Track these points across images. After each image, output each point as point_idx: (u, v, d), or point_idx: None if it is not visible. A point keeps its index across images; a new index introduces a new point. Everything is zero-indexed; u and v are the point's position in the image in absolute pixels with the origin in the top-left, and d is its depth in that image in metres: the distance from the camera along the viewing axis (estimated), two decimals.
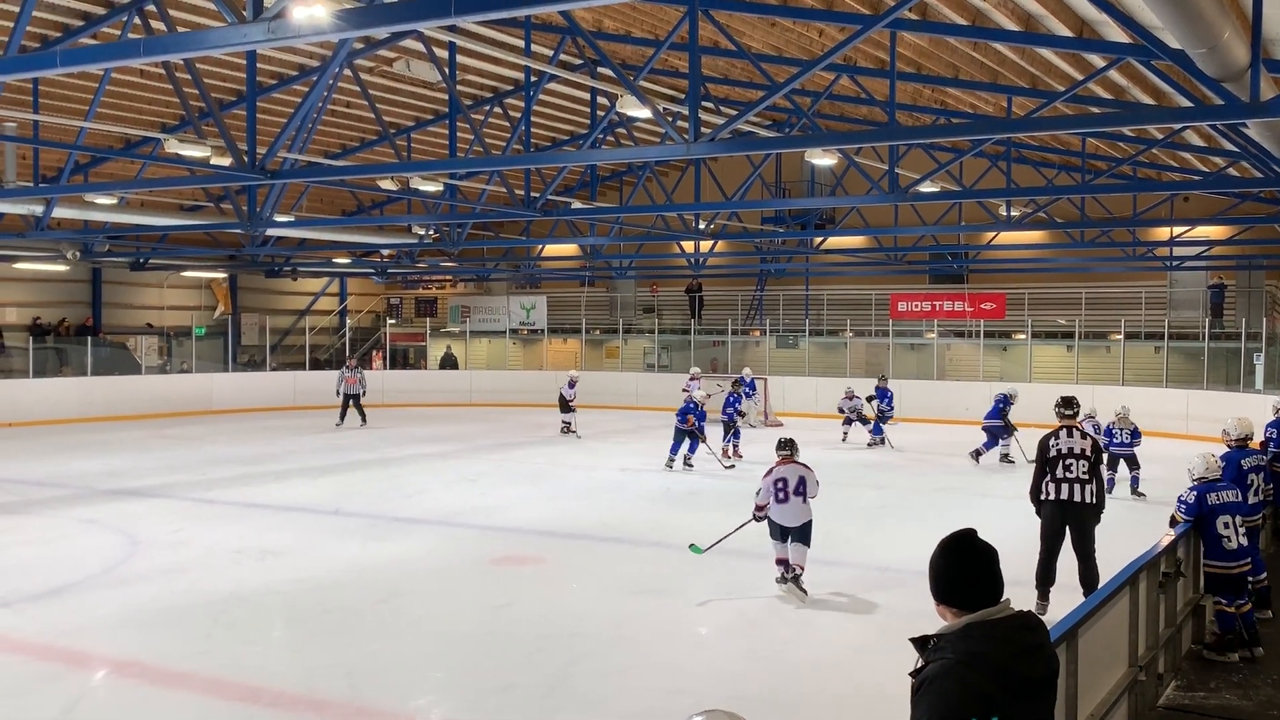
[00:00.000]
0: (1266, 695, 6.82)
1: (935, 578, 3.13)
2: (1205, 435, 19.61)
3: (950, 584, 3.09)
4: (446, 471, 18.40)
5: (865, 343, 32.11)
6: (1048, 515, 9.31)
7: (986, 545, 3.14)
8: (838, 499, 15.89)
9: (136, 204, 23.40)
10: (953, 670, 2.90)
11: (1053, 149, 22.61)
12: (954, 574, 3.10)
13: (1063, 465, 9.16)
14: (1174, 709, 6.65)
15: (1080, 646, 4.97)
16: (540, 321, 36.01)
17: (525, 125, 15.32)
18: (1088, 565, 9.13)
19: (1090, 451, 9.21)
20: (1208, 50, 7.44)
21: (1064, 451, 9.20)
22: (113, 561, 11.34)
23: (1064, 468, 9.16)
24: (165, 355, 32.42)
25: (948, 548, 3.14)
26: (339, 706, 7.15)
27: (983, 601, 3.03)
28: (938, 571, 3.13)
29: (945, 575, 3.11)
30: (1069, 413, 9.57)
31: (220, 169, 14.16)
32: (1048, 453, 9.30)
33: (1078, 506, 9.14)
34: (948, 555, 3.13)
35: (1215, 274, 28.63)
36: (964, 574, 3.09)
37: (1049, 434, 9.43)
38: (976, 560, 3.10)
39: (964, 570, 3.09)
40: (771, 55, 16.50)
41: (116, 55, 9.14)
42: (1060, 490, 9.16)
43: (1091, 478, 9.17)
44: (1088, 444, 9.26)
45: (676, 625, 9.25)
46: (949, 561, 3.12)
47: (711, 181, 22.54)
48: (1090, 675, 5.15)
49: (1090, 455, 9.19)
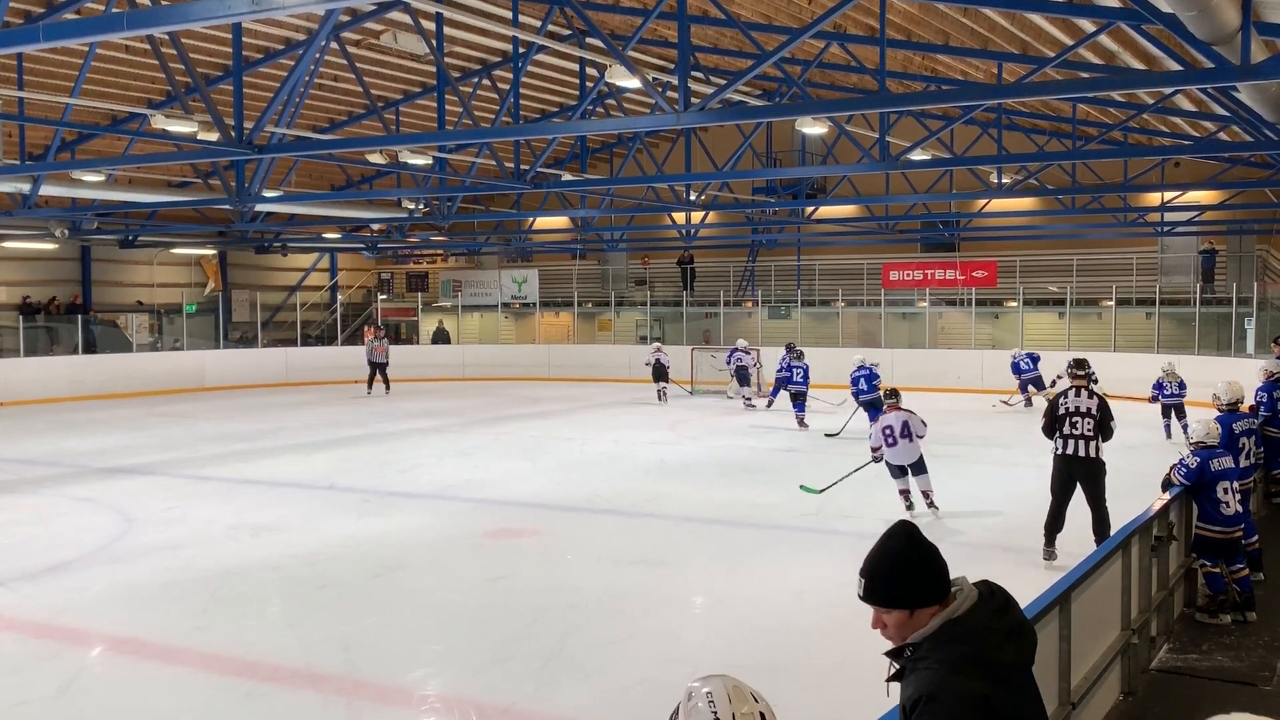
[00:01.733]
0: (1258, 657, 6.87)
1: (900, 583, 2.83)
2: (1196, 400, 19.65)
3: (921, 583, 2.81)
4: (440, 446, 18.41)
5: (857, 312, 32.10)
6: (1056, 469, 9.86)
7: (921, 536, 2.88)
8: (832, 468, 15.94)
9: (124, 181, 23.23)
10: (945, 681, 2.70)
11: (1043, 115, 22.54)
12: (925, 570, 2.82)
13: (1069, 422, 9.68)
14: (1167, 671, 6.70)
15: (1073, 611, 4.99)
16: (532, 295, 35.94)
17: (514, 97, 15.23)
18: (1099, 516, 9.67)
19: (1097, 410, 9.68)
20: (1198, 13, 7.40)
21: (1071, 410, 9.71)
22: (108, 539, 11.35)
23: (1071, 425, 9.67)
24: (156, 333, 32.32)
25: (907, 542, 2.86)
26: (336, 680, 7.17)
27: (946, 591, 2.81)
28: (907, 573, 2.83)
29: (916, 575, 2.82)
30: (1080, 374, 10.08)
31: (207, 144, 14.07)
32: (1056, 410, 9.84)
33: (1083, 461, 9.63)
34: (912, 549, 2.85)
35: (1206, 239, 28.61)
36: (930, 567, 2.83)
37: (1059, 393, 10.03)
38: (929, 550, 2.85)
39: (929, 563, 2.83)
40: (761, 23, 16.40)
41: (100, 29, 9.05)
42: (1067, 445, 9.68)
43: (1097, 434, 9.64)
44: (1094, 403, 9.74)
45: (672, 596, 9.29)
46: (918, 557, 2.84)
47: (702, 152, 22.45)
48: (1083, 639, 5.18)
49: (1096, 413, 9.66)
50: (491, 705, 6.78)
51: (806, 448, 17.84)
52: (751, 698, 2.46)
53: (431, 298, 37.55)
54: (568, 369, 32.02)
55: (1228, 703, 6.20)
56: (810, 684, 7.11)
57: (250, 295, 34.31)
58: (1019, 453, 17.23)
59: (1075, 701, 5.00)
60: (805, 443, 18.40)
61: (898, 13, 14.96)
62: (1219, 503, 7.71)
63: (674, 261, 34.97)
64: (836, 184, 27.95)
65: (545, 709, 6.78)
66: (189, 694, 7.05)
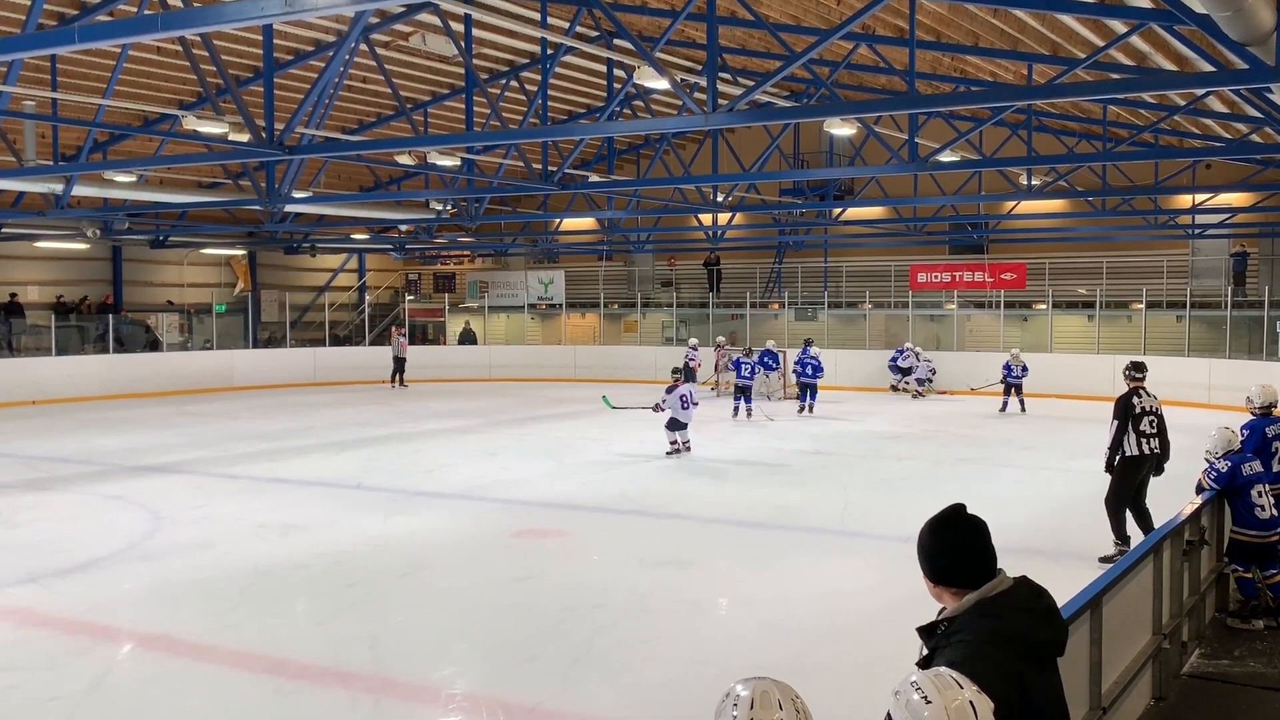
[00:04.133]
0: None
1: (929, 559, 3.03)
2: (1228, 404, 19.49)
3: (947, 564, 3.00)
4: (467, 446, 18.46)
5: (885, 314, 31.98)
6: (1132, 468, 9.94)
7: (977, 519, 3.05)
8: (860, 471, 15.91)
9: (155, 181, 23.45)
10: (982, 651, 2.81)
11: (1073, 117, 22.41)
12: (950, 553, 3.00)
13: (1147, 421, 9.93)
14: (1199, 677, 6.64)
15: (1104, 614, 4.96)
16: (558, 296, 36.00)
17: (542, 98, 15.27)
18: (1145, 514, 9.87)
19: (1158, 409, 10.06)
20: (1233, 13, 7.32)
21: (1145, 409, 9.98)
22: (138, 537, 11.44)
23: (1149, 424, 9.93)
24: (186, 332, 32.58)
25: (939, 527, 3.04)
26: (364, 678, 7.20)
27: (982, 578, 2.95)
28: (931, 553, 3.03)
29: (940, 556, 3.02)
30: (1139, 375, 10.25)
31: (238, 145, 14.18)
32: (1132, 409, 9.99)
33: (1155, 459, 9.98)
34: (940, 534, 3.03)
35: (1237, 242, 28.35)
36: (960, 552, 2.99)
37: (1128, 393, 10.10)
38: (970, 536, 3.01)
39: (959, 548, 3.00)
40: (789, 25, 16.38)
41: (133, 31, 9.13)
42: (1143, 444, 9.90)
43: (1158, 433, 9.95)
44: (1158, 403, 10.10)
45: (699, 597, 9.28)
46: (942, 541, 3.02)
47: (729, 153, 22.46)
48: (1114, 644, 5.14)
49: (1159, 412, 10.04)
50: (518, 704, 6.79)
51: (833, 450, 17.78)
52: (778, 704, 2.45)
53: (458, 298, 37.68)
54: (594, 370, 32.05)
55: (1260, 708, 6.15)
56: (837, 686, 7.08)
57: (279, 295, 34.52)
58: (1046, 456, 17.13)
59: (1106, 706, 4.96)
60: (832, 445, 18.34)
61: (927, 14, 14.90)
62: (1253, 506, 7.64)
63: (700, 263, 34.96)
64: (864, 185, 27.85)
65: (572, 708, 6.79)
66: (218, 690, 7.10)
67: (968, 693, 2.46)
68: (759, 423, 21.62)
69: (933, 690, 2.46)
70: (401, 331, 32.09)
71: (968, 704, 2.44)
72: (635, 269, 37.09)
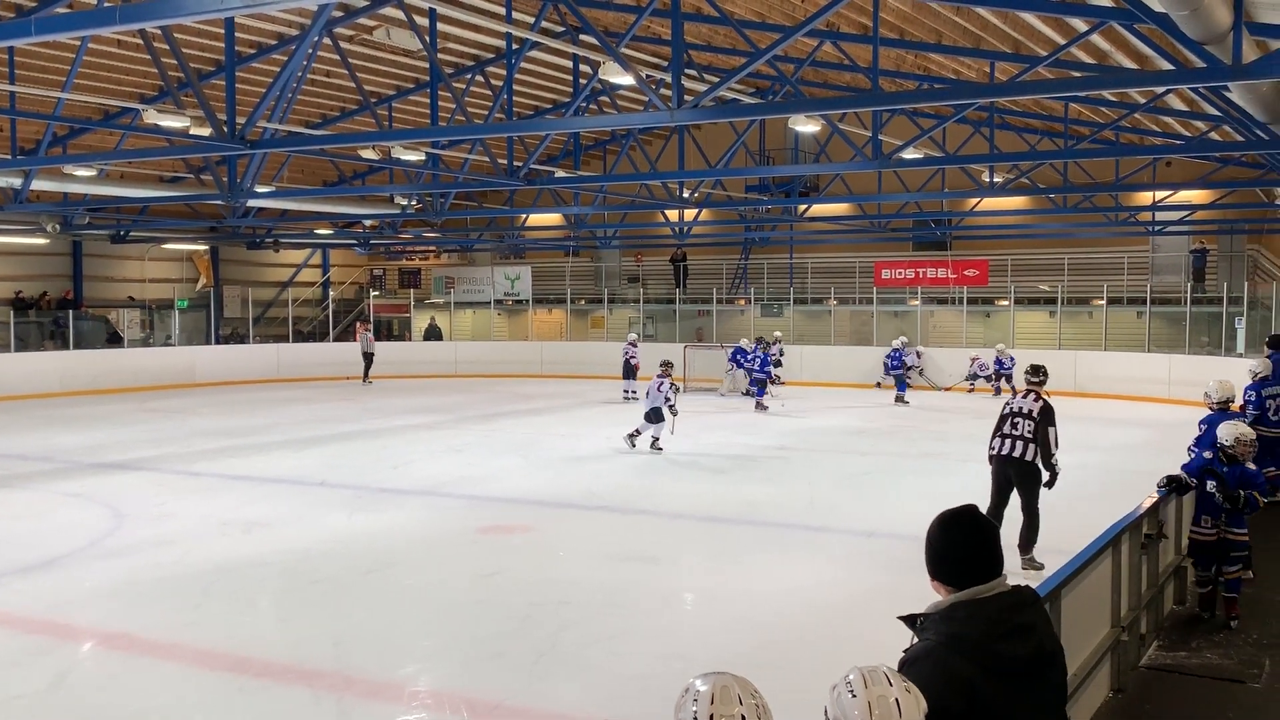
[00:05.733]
0: (1247, 655, 6.90)
1: (930, 553, 3.06)
2: (1187, 399, 19.74)
3: (944, 560, 3.03)
4: (433, 442, 18.39)
5: (850, 310, 32.14)
6: (993, 469, 9.87)
7: (987, 522, 3.07)
8: (825, 466, 16.01)
9: (116, 176, 23.19)
10: (934, 653, 2.85)
11: (1035, 114, 22.59)
12: (949, 550, 3.03)
13: (1010, 422, 9.72)
14: (1156, 668, 6.73)
15: (1063, 607, 5.01)
16: (525, 292, 35.93)
17: (507, 93, 15.22)
18: (1029, 523, 9.67)
19: (1038, 414, 9.64)
20: (1190, 12, 7.42)
21: (1014, 410, 9.77)
22: (99, 534, 11.32)
23: (1011, 425, 9.70)
24: (148, 328, 32.26)
25: (946, 523, 3.06)
26: (327, 675, 7.17)
27: (976, 579, 2.95)
28: (934, 547, 3.06)
29: (940, 551, 3.04)
30: (1036, 380, 10.09)
31: (200, 139, 14.05)
32: (1002, 410, 9.93)
33: (1016, 461, 9.62)
34: (945, 531, 3.05)
35: (1197, 239, 28.69)
36: (959, 551, 3.01)
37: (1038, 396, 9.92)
38: (973, 537, 3.03)
39: (959, 547, 3.02)
40: (754, 21, 16.41)
41: (91, 23, 9.01)
42: (1003, 445, 9.70)
43: (1035, 438, 9.58)
44: (1038, 407, 9.70)
45: (665, 592, 9.30)
46: (946, 537, 3.04)
47: (695, 150, 22.46)
48: (1074, 636, 5.19)
49: (1037, 417, 9.63)
50: (483, 701, 6.79)
51: (799, 445, 17.86)
52: (738, 699, 2.47)
53: (424, 294, 37.52)
54: (560, 366, 32.02)
55: (1217, 699, 6.24)
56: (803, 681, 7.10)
57: (242, 291, 34.25)
58: None
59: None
60: (798, 440, 18.41)
61: (891, 11, 14.98)
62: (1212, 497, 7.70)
63: (667, 259, 34.98)
64: (829, 182, 27.95)
65: (537, 705, 6.79)
66: (181, 689, 7.04)
67: (895, 690, 2.49)
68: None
69: (860, 685, 2.50)
70: (367, 327, 31.86)
71: (893, 700, 2.47)
72: (602, 265, 37.07)
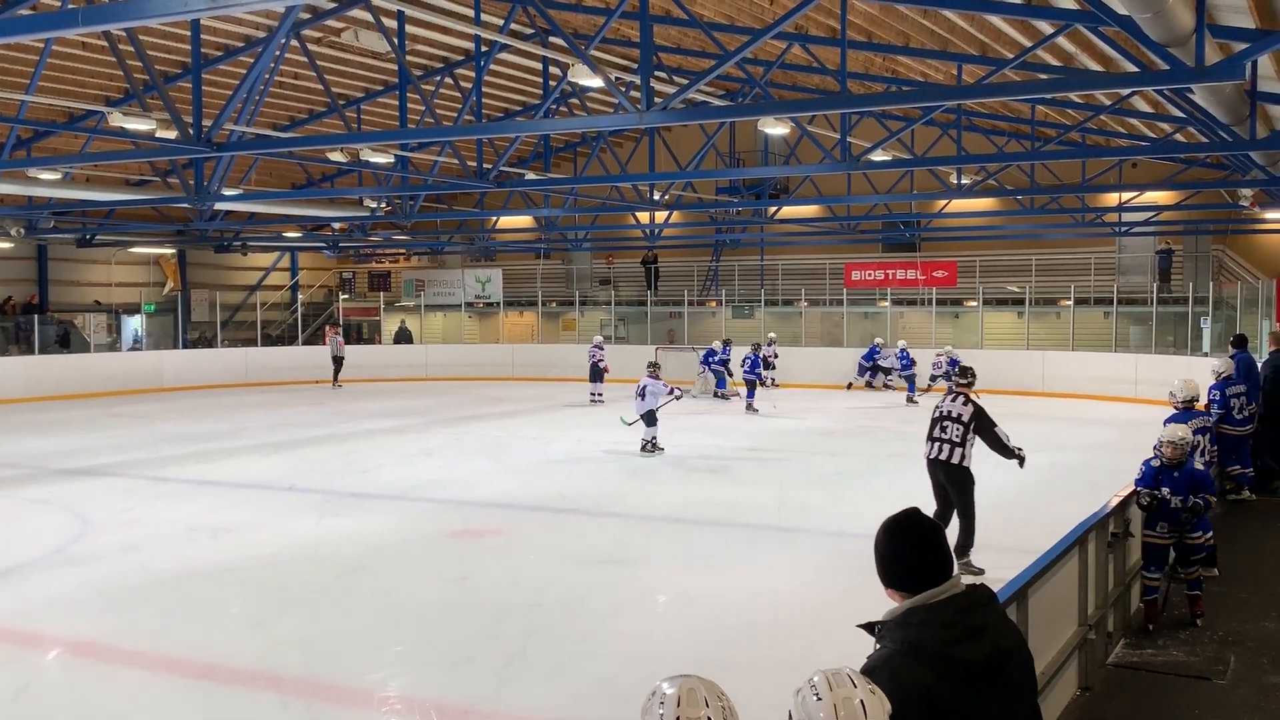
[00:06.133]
0: (1212, 651, 6.96)
1: (880, 561, 3.05)
2: (1154, 399, 19.90)
3: (893, 567, 3.02)
4: (403, 446, 18.31)
5: (820, 312, 32.25)
6: (929, 473, 9.87)
7: (930, 523, 3.06)
8: (796, 467, 16.04)
9: (81, 179, 22.97)
10: (890, 661, 2.86)
11: (1002, 116, 22.73)
12: (897, 557, 3.02)
13: (939, 426, 9.69)
14: (1123, 666, 6.78)
15: (1030, 606, 5.04)
16: (496, 294, 35.84)
17: (476, 95, 15.17)
18: (964, 527, 9.63)
19: (968, 419, 9.60)
20: (1153, 15, 7.48)
21: (943, 414, 9.74)
22: (65, 541, 11.20)
23: (940, 429, 9.68)
24: (114, 333, 31.95)
25: (890, 529, 3.05)
26: (296, 682, 7.12)
27: (926, 583, 2.94)
28: (882, 555, 3.04)
29: (888, 558, 3.03)
30: (963, 381, 10.02)
31: (166, 142, 13.94)
32: (933, 414, 9.88)
33: (944, 465, 9.63)
34: (890, 537, 3.04)
35: (1163, 239, 28.94)
36: (906, 557, 3.01)
37: (968, 399, 9.87)
38: (918, 541, 3.02)
39: (906, 552, 3.01)
40: (723, 24, 16.44)
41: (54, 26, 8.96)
42: (932, 449, 9.70)
43: (963, 442, 9.56)
44: (968, 411, 9.66)
45: (636, 595, 9.29)
46: (891, 544, 3.04)
47: (665, 152, 22.49)
48: (1041, 634, 5.23)
49: (966, 421, 9.59)
50: (453, 706, 6.76)
51: (770, 447, 17.89)
52: (704, 702, 2.46)
53: (394, 297, 37.36)
54: (532, 369, 31.97)
55: (1183, 696, 6.29)
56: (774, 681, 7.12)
57: (210, 295, 33.97)
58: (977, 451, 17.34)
59: None
60: (769, 442, 18.44)
61: (858, 14, 15.04)
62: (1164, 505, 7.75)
63: (638, 261, 34.98)
64: (799, 184, 28.05)
65: (507, 709, 6.76)
66: (147, 697, 6.98)
67: (860, 692, 2.50)
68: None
69: (825, 688, 2.51)
70: (336, 330, 31.69)
71: (858, 703, 2.48)
72: (573, 267, 37.03)
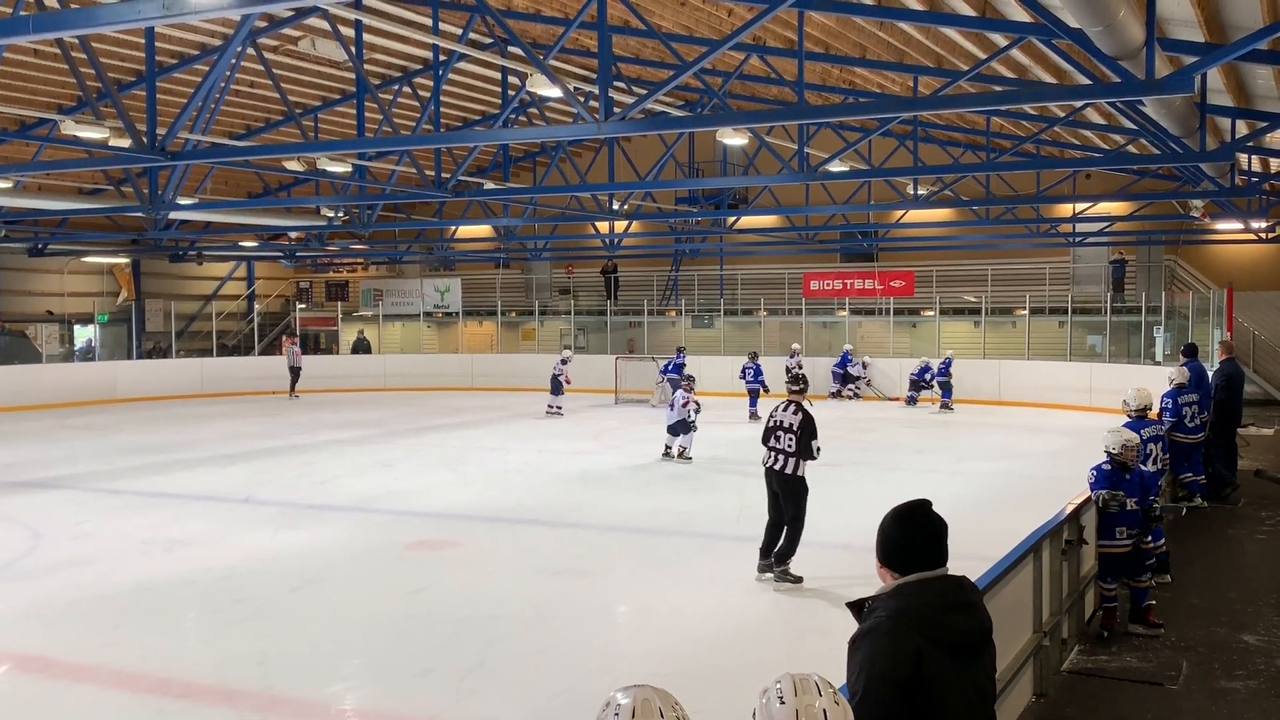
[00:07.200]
0: (1165, 658, 7.06)
1: (881, 540, 3.24)
2: (1108, 407, 20.13)
3: (893, 548, 3.21)
4: (360, 457, 18.17)
5: (779, 321, 32.39)
6: (766, 481, 9.95)
7: (938, 517, 3.24)
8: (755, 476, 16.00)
9: (33, 187, 22.67)
10: (883, 625, 3.03)
11: (958, 128, 22.96)
12: (899, 539, 3.21)
13: (774, 436, 9.81)
14: (1078, 673, 6.85)
15: None
16: (455, 304, 35.71)
17: (435, 105, 15.12)
18: (789, 535, 9.72)
19: (797, 427, 9.68)
20: (1104, 28, 7.59)
21: (776, 424, 9.85)
22: (16, 555, 11.03)
23: (775, 438, 9.79)
24: (67, 343, 31.51)
25: (900, 516, 3.24)
26: (251, 696, 7.04)
27: (921, 566, 3.15)
28: (885, 535, 3.23)
29: (890, 539, 3.22)
30: (796, 389, 10.14)
31: (119, 150, 13.78)
32: (767, 422, 9.97)
33: (777, 474, 9.76)
34: (898, 521, 3.23)
35: (1116, 249, 29.36)
36: (909, 540, 3.19)
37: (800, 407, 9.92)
38: (926, 529, 3.21)
39: (910, 537, 3.20)
40: (682, 35, 16.50)
41: (5, 32, 8.80)
42: (768, 458, 9.85)
43: (797, 450, 9.62)
44: (798, 419, 9.74)
45: (595, 605, 9.28)
46: (898, 527, 3.22)
47: (625, 162, 22.50)
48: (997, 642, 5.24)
49: (796, 430, 9.66)
50: (411, 718, 6.71)
51: (729, 455, 17.92)
52: (659, 712, 2.47)
53: (352, 307, 37.12)
54: (491, 378, 31.87)
55: (1137, 702, 6.36)
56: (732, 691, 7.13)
57: (164, 305, 33.60)
58: (936, 459, 17.50)
59: None
60: (727, 450, 18.46)
61: (816, 26, 15.13)
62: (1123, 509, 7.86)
63: (598, 271, 34.99)
64: (758, 194, 28.15)
65: None
66: (100, 712, 6.88)
67: (825, 700, 2.51)
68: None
69: (790, 692, 2.52)
70: (293, 341, 31.39)
71: (820, 710, 2.49)
72: (533, 277, 36.98)
